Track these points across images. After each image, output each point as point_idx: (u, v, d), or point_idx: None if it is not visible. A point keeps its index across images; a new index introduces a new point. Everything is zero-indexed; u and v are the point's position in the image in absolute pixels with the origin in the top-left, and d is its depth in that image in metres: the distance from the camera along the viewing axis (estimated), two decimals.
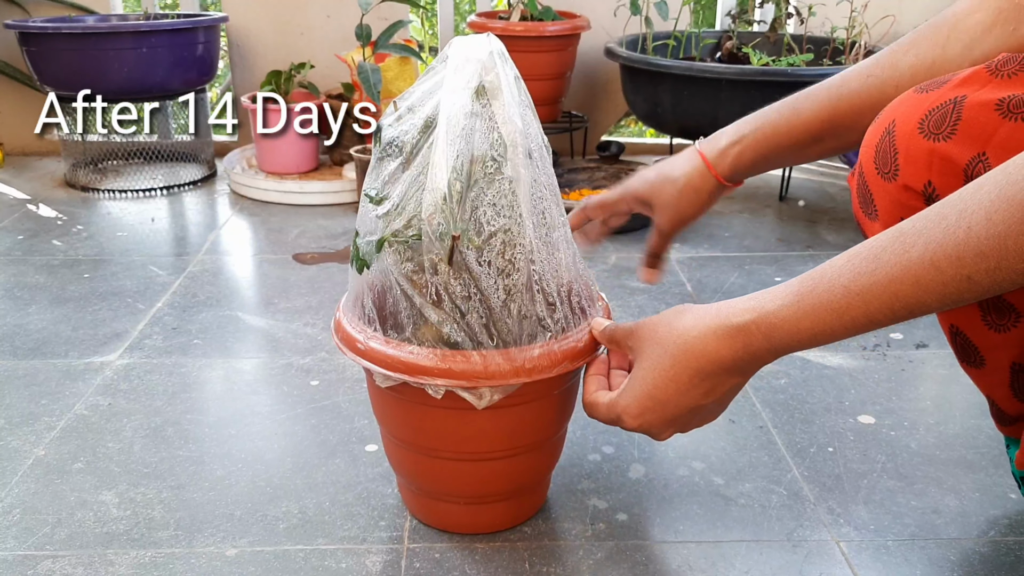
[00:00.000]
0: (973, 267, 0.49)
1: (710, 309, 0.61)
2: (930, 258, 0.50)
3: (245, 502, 0.84)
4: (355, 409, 1.00)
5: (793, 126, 0.75)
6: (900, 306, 0.52)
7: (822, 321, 0.55)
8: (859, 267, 0.53)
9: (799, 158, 0.78)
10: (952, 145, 0.59)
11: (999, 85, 0.59)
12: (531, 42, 1.80)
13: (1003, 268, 0.49)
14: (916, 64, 0.70)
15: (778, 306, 0.57)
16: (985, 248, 0.49)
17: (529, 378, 0.68)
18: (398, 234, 0.68)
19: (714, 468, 0.90)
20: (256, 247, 1.56)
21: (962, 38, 0.68)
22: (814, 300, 0.55)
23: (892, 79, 0.71)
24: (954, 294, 0.51)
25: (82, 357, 1.13)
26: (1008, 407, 0.72)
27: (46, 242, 1.54)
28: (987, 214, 0.49)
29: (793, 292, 0.57)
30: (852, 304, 0.53)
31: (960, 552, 0.78)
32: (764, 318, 0.57)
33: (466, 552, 0.78)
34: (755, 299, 0.59)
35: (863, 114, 0.71)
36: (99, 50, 1.72)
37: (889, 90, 0.70)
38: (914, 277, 0.51)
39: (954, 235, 0.50)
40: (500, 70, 0.67)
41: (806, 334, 0.56)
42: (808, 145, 0.75)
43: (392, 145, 0.69)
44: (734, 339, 0.59)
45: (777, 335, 0.57)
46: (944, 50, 0.69)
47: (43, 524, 0.81)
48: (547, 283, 0.69)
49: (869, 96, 0.72)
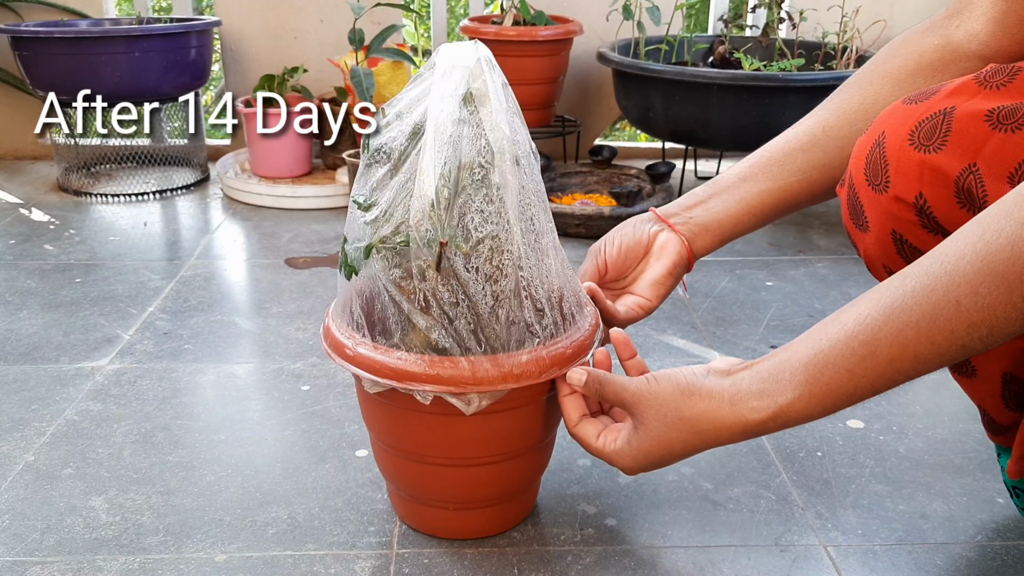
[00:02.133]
0: (967, 338, 0.52)
1: (723, 397, 0.62)
2: (925, 336, 0.53)
3: (234, 508, 0.84)
4: (346, 414, 1.01)
5: (728, 170, 0.79)
6: (902, 377, 0.56)
7: (831, 403, 0.58)
8: (859, 351, 0.55)
9: (740, 204, 0.79)
10: (943, 156, 0.59)
11: (988, 96, 0.59)
12: (524, 47, 1.80)
13: (995, 334, 0.51)
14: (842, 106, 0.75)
15: (791, 400, 0.59)
16: (976, 320, 0.51)
17: (517, 384, 0.69)
18: (386, 240, 0.68)
19: (703, 473, 0.90)
20: (249, 251, 1.56)
21: (885, 81, 0.72)
22: (823, 388, 0.57)
23: (819, 122, 0.76)
24: (950, 360, 0.54)
25: (73, 362, 1.13)
26: (999, 416, 0.72)
27: (38, 246, 1.54)
28: (973, 288, 0.50)
29: (801, 382, 0.58)
30: (859, 386, 0.57)
31: (947, 557, 0.79)
32: (780, 414, 0.60)
33: (455, 557, 0.78)
34: (767, 394, 0.60)
35: (790, 153, 0.76)
36: (91, 54, 1.72)
37: (815, 130, 0.75)
38: (912, 354, 0.54)
39: (944, 311, 0.51)
40: (488, 77, 0.67)
41: (817, 415, 0.59)
42: (739, 184, 0.78)
43: (380, 151, 0.69)
44: (750, 433, 0.62)
45: (791, 422, 0.60)
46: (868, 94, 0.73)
47: (32, 530, 0.81)
48: (535, 289, 0.70)
49: (796, 136, 0.76)
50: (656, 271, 0.80)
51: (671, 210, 0.81)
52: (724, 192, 0.78)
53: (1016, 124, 0.56)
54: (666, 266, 0.79)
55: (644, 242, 0.80)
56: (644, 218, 0.82)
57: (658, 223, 0.80)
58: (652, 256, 0.80)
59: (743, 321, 1.25)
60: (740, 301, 1.33)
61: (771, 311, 1.29)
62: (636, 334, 1.21)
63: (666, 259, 0.79)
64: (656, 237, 0.80)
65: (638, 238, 0.80)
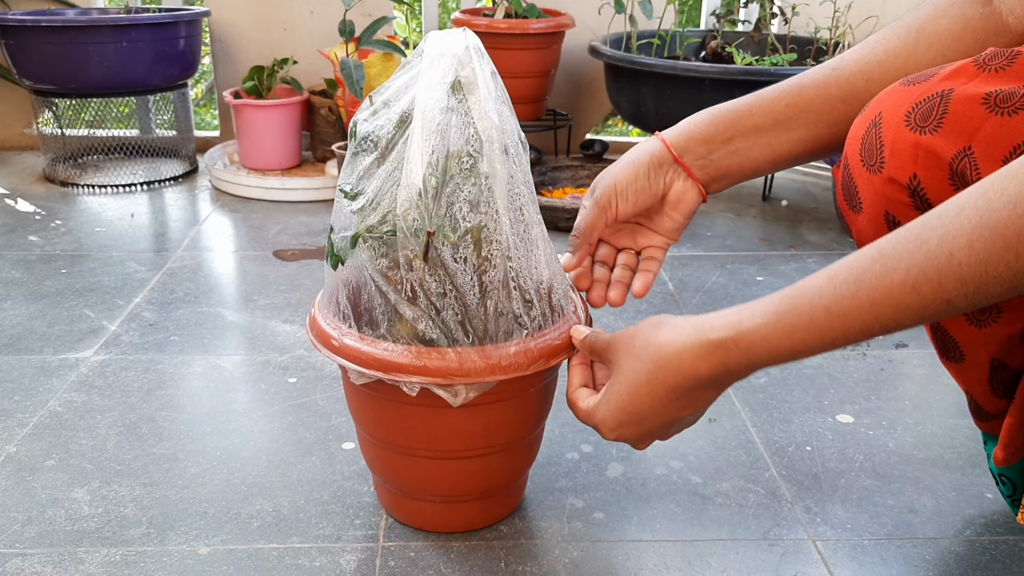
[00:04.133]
0: (953, 292, 0.50)
1: (688, 324, 0.60)
2: (912, 283, 0.51)
3: (219, 500, 0.83)
4: (332, 407, 1.00)
5: (754, 106, 0.72)
6: (879, 327, 0.53)
7: (802, 340, 0.55)
8: (840, 289, 0.53)
9: (766, 150, 0.72)
10: (938, 138, 0.59)
11: (986, 79, 0.58)
12: (515, 40, 1.79)
13: (982, 292, 0.50)
14: (886, 60, 0.69)
15: (758, 324, 0.56)
16: (966, 275, 0.49)
17: (505, 376, 0.68)
18: (373, 230, 0.67)
19: (692, 467, 0.90)
20: (237, 243, 1.55)
21: (932, 41, 0.68)
22: (794, 319, 0.55)
23: (861, 72, 0.69)
24: (932, 316, 0.52)
25: (57, 353, 1.11)
26: (986, 403, 0.72)
27: (23, 237, 1.52)
28: (968, 241, 0.49)
29: (773, 310, 0.56)
30: (833, 325, 0.54)
31: (936, 551, 0.78)
32: (743, 335, 0.57)
33: (441, 551, 0.77)
34: (734, 315, 0.58)
35: (830, 101, 0.70)
36: (79, 44, 1.70)
37: (858, 81, 0.69)
38: (895, 301, 0.51)
39: (935, 261, 0.50)
40: (476, 65, 0.66)
41: (785, 352, 0.56)
42: (770, 129, 0.71)
43: (367, 140, 0.69)
44: (712, 355, 0.58)
45: (756, 352, 0.57)
46: (915, 50, 0.68)
47: (13, 522, 0.80)
48: (524, 280, 0.69)
49: (837, 84, 0.70)
50: (671, 223, 0.75)
51: (687, 144, 0.72)
52: (752, 134, 0.72)
53: (1013, 108, 0.56)
54: (680, 219, 0.75)
55: (659, 194, 0.73)
56: (656, 161, 0.73)
57: (673, 167, 0.73)
58: (668, 205, 0.74)
59: None
60: (730, 296, 1.32)
61: None
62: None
63: (683, 209, 0.74)
64: (672, 185, 0.73)
65: (654, 191, 0.73)
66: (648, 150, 0.73)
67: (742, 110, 0.72)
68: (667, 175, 0.73)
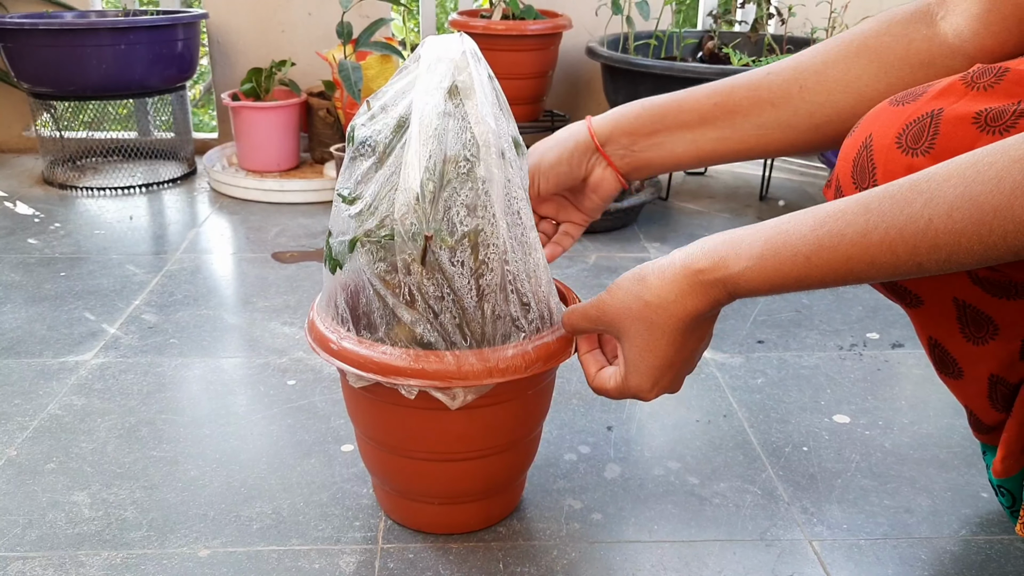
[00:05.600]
0: (926, 256, 0.52)
1: (673, 264, 0.62)
2: (888, 243, 0.52)
3: (219, 503, 0.84)
4: (331, 409, 1.00)
5: (683, 102, 0.74)
6: (852, 278, 0.55)
7: (780, 283, 0.58)
8: (823, 240, 0.55)
9: (690, 146, 0.74)
10: (930, 160, 0.59)
11: (976, 97, 0.58)
12: (512, 41, 1.79)
13: (952, 261, 0.51)
14: (823, 71, 0.70)
15: (743, 268, 0.58)
16: (940, 242, 0.51)
17: (502, 378, 0.68)
18: (371, 234, 0.67)
19: (689, 468, 0.90)
20: (235, 245, 1.55)
21: (872, 57, 0.69)
22: (776, 264, 0.57)
23: (796, 79, 0.71)
24: (902, 274, 0.54)
25: (56, 356, 1.12)
26: (985, 417, 0.72)
27: (22, 240, 1.53)
28: (949, 210, 0.50)
29: (756, 254, 0.58)
30: (811, 273, 0.56)
31: (931, 551, 0.79)
32: (730, 278, 0.59)
33: (440, 552, 0.78)
34: (719, 254, 0.60)
35: (759, 104, 0.71)
36: (77, 47, 1.71)
37: (791, 87, 0.71)
38: (871, 257, 0.53)
39: (914, 224, 0.51)
40: (473, 69, 0.67)
41: (763, 291, 0.59)
42: (696, 126, 0.73)
43: (365, 144, 0.69)
44: (706, 294, 0.61)
45: (739, 290, 0.60)
46: (854, 64, 0.70)
47: (14, 525, 0.80)
48: (521, 283, 0.69)
49: (769, 88, 0.72)
50: (591, 203, 0.80)
51: (612, 134, 0.76)
52: (678, 130, 0.74)
53: (1004, 126, 0.56)
54: (599, 201, 0.79)
55: (579, 177, 0.78)
56: (581, 147, 0.77)
57: (596, 154, 0.76)
58: (588, 188, 0.78)
59: (730, 316, 1.25)
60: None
61: (758, 307, 1.29)
62: None
63: (602, 194, 0.78)
64: (592, 171, 0.77)
65: (575, 176, 0.77)
66: (574, 135, 0.77)
67: (671, 105, 0.74)
68: (589, 161, 0.77)
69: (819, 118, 0.70)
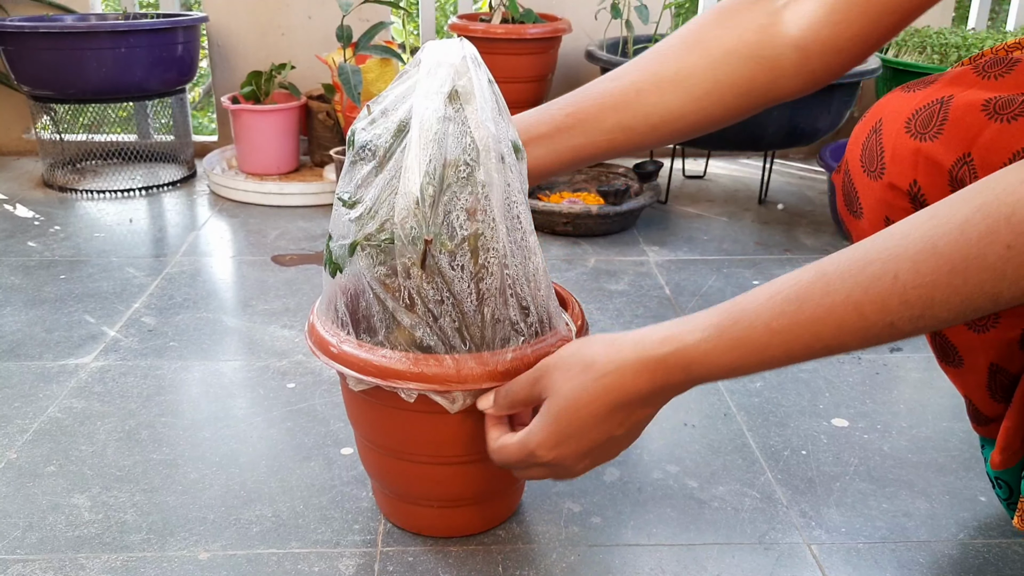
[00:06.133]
0: (897, 315, 0.49)
1: (625, 340, 0.60)
2: (854, 303, 0.50)
3: (218, 506, 0.84)
4: (331, 412, 1.00)
5: (544, 113, 0.75)
6: (820, 346, 0.52)
7: (741, 357, 0.54)
8: (781, 306, 0.53)
9: (551, 155, 0.75)
10: (938, 145, 0.59)
11: (986, 86, 0.59)
12: (512, 45, 1.80)
13: (927, 316, 0.49)
14: (659, 71, 0.72)
15: (698, 339, 0.56)
16: (911, 297, 0.49)
17: (502, 382, 0.68)
18: (371, 238, 0.68)
19: (688, 471, 0.91)
20: (235, 248, 1.55)
21: (703, 54, 0.70)
22: (735, 335, 0.54)
23: (634, 84, 0.72)
24: (875, 338, 0.51)
25: (56, 359, 1.12)
26: (984, 407, 0.73)
27: (22, 243, 1.53)
28: (914, 264, 0.49)
29: (714, 324, 0.55)
30: (773, 343, 0.53)
31: (929, 554, 0.79)
32: (683, 351, 0.56)
33: (439, 555, 0.78)
34: (673, 330, 0.57)
35: (604, 111, 0.73)
36: (77, 50, 1.71)
37: (630, 93, 0.72)
38: (837, 320, 0.51)
39: (880, 282, 0.49)
40: (473, 74, 0.67)
41: (725, 368, 0.55)
42: (554, 135, 0.74)
43: (365, 149, 0.69)
44: (653, 373, 0.58)
45: (696, 368, 0.56)
46: (685, 63, 0.71)
47: (14, 528, 0.80)
48: (521, 287, 0.70)
49: (611, 95, 0.73)
50: None
51: None
52: (541, 140, 0.75)
53: (1012, 114, 0.57)
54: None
55: None
56: None
57: None
58: None
59: None
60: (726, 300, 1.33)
61: None
62: None
63: None
64: None
65: None
66: None
67: (533, 119, 0.76)
68: None
69: (655, 119, 0.72)
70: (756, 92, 0.70)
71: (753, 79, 0.69)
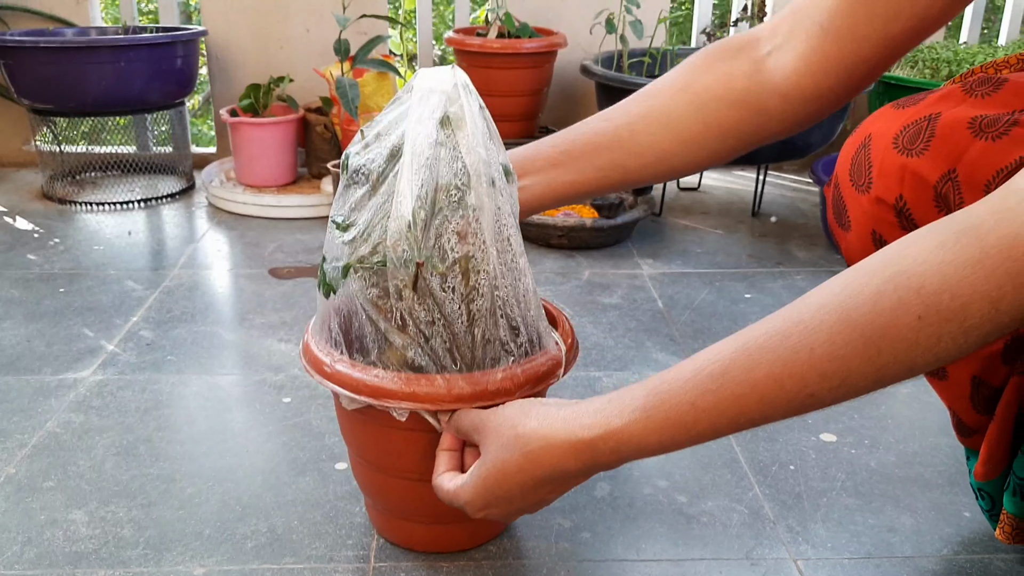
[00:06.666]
0: (816, 387, 0.51)
1: (558, 417, 0.61)
2: (775, 377, 0.51)
3: (214, 520, 0.85)
4: (326, 427, 1.02)
5: (541, 149, 0.78)
6: (745, 420, 0.54)
7: (669, 435, 0.56)
8: (705, 383, 0.54)
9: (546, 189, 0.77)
10: (924, 161, 0.61)
11: (973, 104, 0.61)
12: (508, 59, 1.82)
13: (846, 386, 0.50)
14: (649, 115, 0.74)
15: (625, 422, 0.57)
16: (828, 370, 0.50)
17: (492, 401, 0.70)
18: (363, 260, 0.69)
19: (678, 486, 0.92)
20: (233, 261, 1.57)
21: (692, 99, 0.72)
22: (661, 416, 0.56)
23: (627, 124, 0.75)
24: (798, 408, 0.52)
25: (55, 373, 1.13)
26: (968, 419, 0.74)
27: (21, 256, 1.54)
28: (829, 336, 0.50)
29: (640, 407, 0.57)
30: (699, 419, 0.54)
31: (914, 570, 0.80)
32: (611, 435, 0.57)
33: (431, 571, 0.79)
34: (602, 412, 0.59)
35: (598, 150, 0.75)
36: (77, 64, 1.72)
37: (623, 132, 0.75)
38: (759, 394, 0.52)
39: (797, 355, 0.51)
40: (464, 101, 0.68)
41: (653, 447, 0.57)
42: (549, 170, 0.77)
43: (359, 173, 0.71)
44: (581, 453, 0.59)
45: (625, 449, 0.58)
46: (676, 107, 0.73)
47: (12, 543, 0.82)
48: (511, 308, 0.71)
49: (604, 134, 0.76)
50: None
51: None
52: (536, 174, 0.77)
53: (997, 132, 0.58)
54: None
55: None
56: None
57: None
58: None
59: (722, 333, 1.27)
60: (719, 313, 1.35)
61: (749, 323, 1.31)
62: (615, 346, 1.22)
63: None
64: None
65: None
66: None
67: (528, 154, 0.78)
68: None
69: (647, 158, 0.74)
70: (743, 135, 0.73)
71: (739, 123, 0.72)
